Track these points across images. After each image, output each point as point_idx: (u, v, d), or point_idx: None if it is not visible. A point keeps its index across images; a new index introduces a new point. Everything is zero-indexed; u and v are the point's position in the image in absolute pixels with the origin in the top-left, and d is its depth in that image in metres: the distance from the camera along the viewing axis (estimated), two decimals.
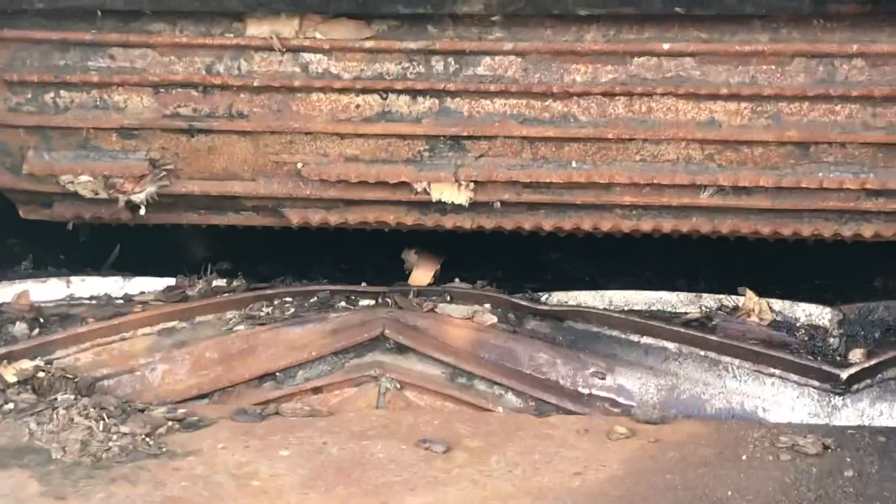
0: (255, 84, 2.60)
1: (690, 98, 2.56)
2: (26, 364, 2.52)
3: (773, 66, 2.53)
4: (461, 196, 2.64)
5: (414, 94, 2.61)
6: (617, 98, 2.58)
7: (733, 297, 2.70)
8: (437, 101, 2.61)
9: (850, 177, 2.55)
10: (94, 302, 2.77)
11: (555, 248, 3.05)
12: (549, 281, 2.80)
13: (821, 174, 2.56)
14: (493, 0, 2.46)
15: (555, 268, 3.08)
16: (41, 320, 2.70)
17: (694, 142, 2.58)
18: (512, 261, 2.98)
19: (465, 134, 2.61)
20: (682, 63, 2.55)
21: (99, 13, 2.57)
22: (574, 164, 2.62)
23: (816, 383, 2.51)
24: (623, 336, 2.62)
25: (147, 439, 2.25)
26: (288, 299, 2.70)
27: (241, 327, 2.63)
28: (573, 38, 2.56)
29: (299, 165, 2.66)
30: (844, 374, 2.48)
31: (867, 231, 2.64)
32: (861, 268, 3.04)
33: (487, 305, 2.68)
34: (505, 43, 2.56)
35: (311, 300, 2.70)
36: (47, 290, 2.79)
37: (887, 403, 2.49)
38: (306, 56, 2.60)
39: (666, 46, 2.53)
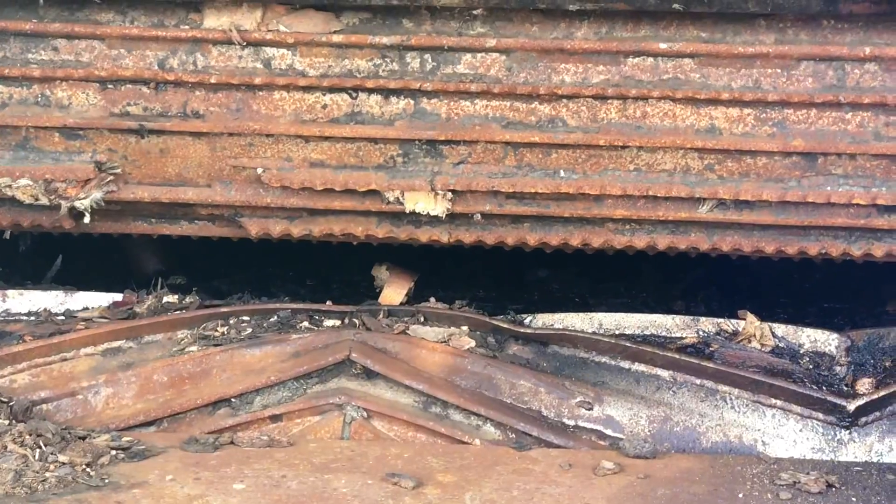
0: (213, 81, 2.60)
1: (689, 103, 2.56)
2: None
3: (779, 70, 2.53)
4: (438, 207, 2.62)
5: (387, 93, 2.60)
6: (609, 101, 2.58)
7: (733, 320, 2.69)
8: (412, 102, 2.60)
9: (860, 191, 2.55)
10: (32, 318, 2.75)
11: (541, 265, 3.04)
12: (534, 301, 2.79)
13: (829, 188, 2.56)
14: None
15: (541, 287, 3.08)
16: None
17: (692, 150, 2.58)
18: (494, 279, 2.97)
19: (443, 138, 2.60)
20: (680, 64, 2.55)
21: (41, 0, 2.56)
22: (562, 173, 2.61)
23: (821, 415, 2.51)
24: (613, 363, 2.60)
25: (88, 469, 2.22)
26: (245, 318, 2.68)
27: (193, 348, 2.60)
28: (562, 34, 2.56)
29: (260, 171, 2.64)
30: (852, 406, 2.48)
31: (878, 250, 2.63)
32: (872, 291, 3.03)
33: (465, 328, 2.65)
34: (487, 39, 2.56)
35: (271, 319, 2.67)
36: None
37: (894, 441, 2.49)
38: (269, 51, 2.60)
39: (663, 46, 2.54)
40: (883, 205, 2.54)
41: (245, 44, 2.58)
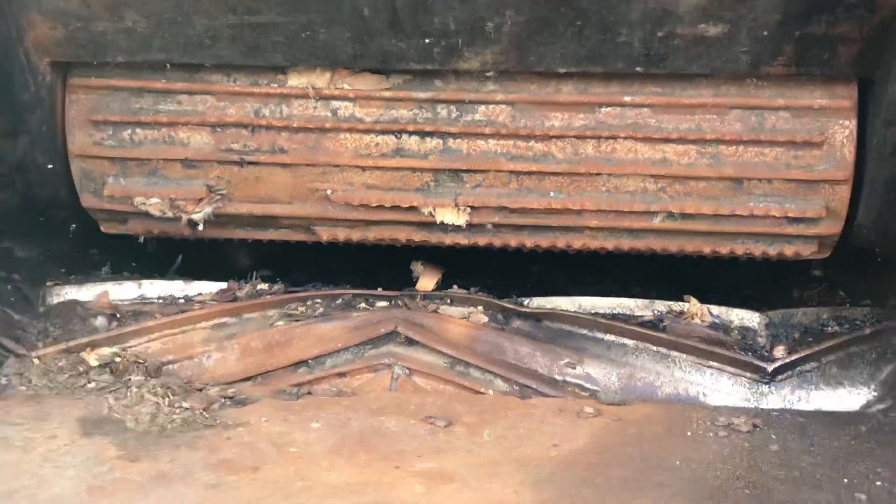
0: (294, 125, 2.60)
1: (647, 141, 2.56)
2: (106, 351, 2.54)
3: (715, 116, 2.54)
4: (459, 218, 2.63)
5: (422, 135, 2.61)
6: (587, 140, 2.58)
7: (680, 303, 2.71)
8: (441, 142, 2.61)
9: (775, 206, 2.55)
10: (161, 301, 2.77)
11: (535, 262, 3.03)
12: (529, 289, 2.79)
13: (751, 204, 2.56)
14: (487, 59, 2.46)
15: (534, 278, 3.06)
16: (118, 316, 2.71)
17: (649, 176, 2.58)
18: (499, 272, 2.96)
19: (464, 168, 2.61)
20: (640, 112, 2.56)
21: (168, 66, 2.57)
22: (552, 193, 2.61)
23: (747, 374, 2.53)
24: (591, 334, 2.62)
25: (204, 413, 2.27)
26: (318, 301, 2.70)
27: (280, 323, 2.63)
28: (552, 90, 2.56)
29: (329, 192, 2.64)
30: (770, 367, 2.51)
31: (789, 251, 2.64)
32: (783, 281, 3.03)
33: (480, 308, 2.67)
34: (497, 94, 2.57)
35: (337, 301, 2.70)
36: (123, 291, 2.79)
37: (804, 391, 2.52)
38: (335, 103, 2.60)
39: (627, 98, 2.54)
40: (792, 216, 2.55)
41: (318, 98, 2.59)
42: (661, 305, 2.70)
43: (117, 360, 2.51)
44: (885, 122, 2.42)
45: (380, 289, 2.75)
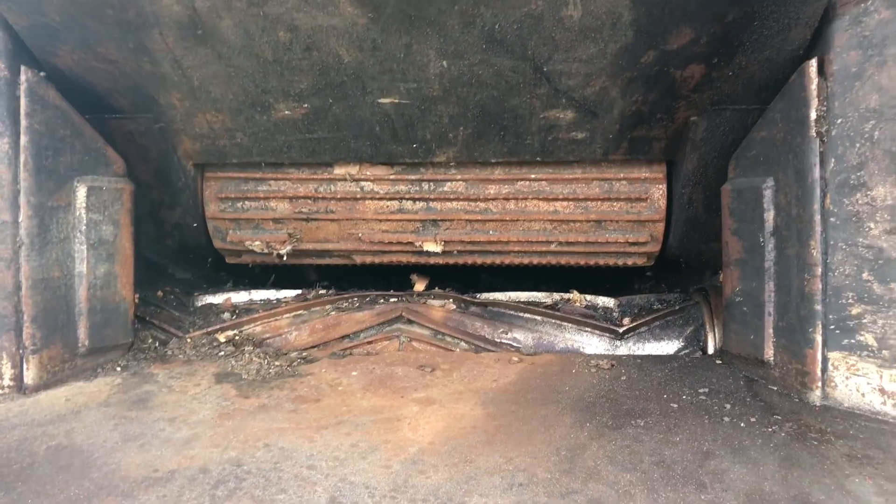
0: (339, 196, 2.60)
1: (544, 200, 2.57)
2: (229, 333, 2.55)
3: (584, 185, 2.54)
4: (437, 248, 2.63)
5: (414, 200, 2.61)
6: (510, 201, 2.58)
7: (567, 294, 2.70)
8: (425, 204, 2.61)
9: (621, 236, 2.57)
10: (262, 302, 2.77)
11: (483, 272, 3.04)
12: (480, 288, 2.78)
13: (607, 235, 2.57)
14: (450, 155, 2.47)
15: (483, 282, 3.08)
16: (236, 311, 2.72)
17: (547, 221, 2.59)
18: (462, 279, 2.95)
19: (439, 218, 2.61)
20: (540, 184, 2.56)
21: (262, 164, 2.58)
22: (491, 232, 2.61)
23: (608, 335, 2.53)
24: (516, 314, 2.61)
25: (288, 368, 2.28)
26: (355, 299, 2.69)
27: (333, 313, 2.62)
28: (489, 172, 2.57)
29: (360, 235, 2.64)
30: (621, 330, 2.52)
31: (630, 262, 2.65)
32: (629, 279, 3.05)
33: (451, 300, 2.67)
34: (457, 175, 2.57)
35: (367, 299, 2.69)
36: (239, 297, 2.79)
37: (641, 344, 2.52)
38: (363, 183, 2.60)
39: (532, 176, 2.55)
40: (631, 242, 2.55)
41: (352, 180, 2.59)
42: (556, 296, 2.69)
43: (237, 338, 2.52)
44: (681, 187, 2.44)
45: (392, 290, 2.75)
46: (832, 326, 1.91)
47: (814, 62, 1.92)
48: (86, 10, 1.99)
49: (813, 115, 1.92)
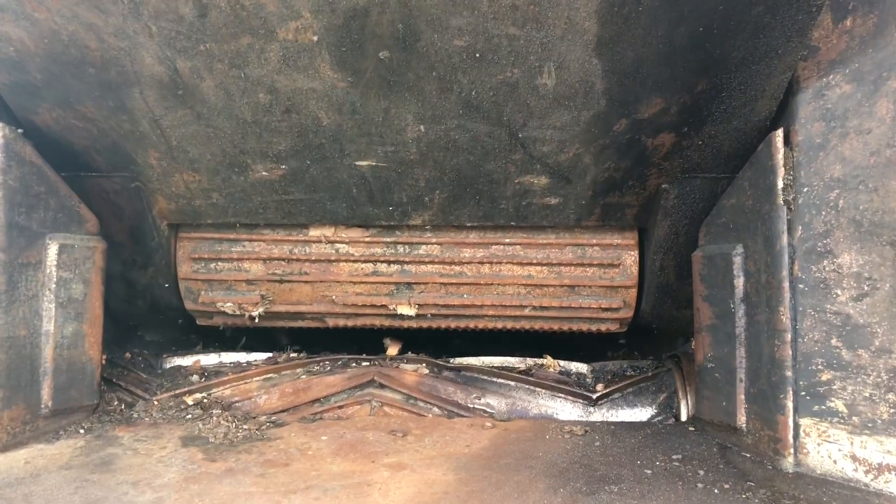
0: (313, 258, 2.59)
1: (518, 265, 2.58)
2: (198, 395, 2.51)
3: (557, 250, 2.56)
4: (411, 311, 2.62)
5: (389, 263, 2.60)
6: (485, 264, 2.59)
7: (541, 359, 2.69)
8: (399, 266, 2.60)
9: (594, 301, 2.58)
10: (231, 364, 2.73)
11: (456, 336, 3.02)
12: (453, 352, 2.75)
13: (580, 301, 2.58)
14: (426, 218, 2.49)
15: (456, 346, 3.04)
16: (205, 374, 2.66)
17: (521, 285, 2.59)
18: (435, 343, 2.92)
19: (413, 282, 2.60)
20: (515, 248, 2.58)
21: (237, 225, 2.58)
22: (465, 295, 2.61)
23: (581, 401, 2.52)
24: (489, 378, 2.58)
25: (257, 431, 2.24)
26: (327, 362, 2.66)
27: (303, 377, 2.58)
28: (464, 236, 2.58)
29: (333, 297, 2.63)
30: (594, 396, 2.51)
31: (603, 328, 2.65)
32: (602, 346, 3.05)
33: (424, 364, 2.64)
34: (432, 238, 2.58)
35: (339, 363, 2.65)
36: (209, 360, 2.75)
37: (615, 410, 2.51)
38: (337, 245, 2.60)
39: (507, 240, 2.57)
40: (604, 308, 2.56)
41: (327, 242, 2.58)
42: (530, 361, 2.68)
43: (205, 401, 2.48)
44: (653, 253, 2.47)
45: (364, 354, 2.72)
46: (803, 393, 1.92)
47: (780, 133, 1.99)
48: (67, 68, 2.01)
49: (780, 184, 1.98)
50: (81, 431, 2.21)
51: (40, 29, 1.91)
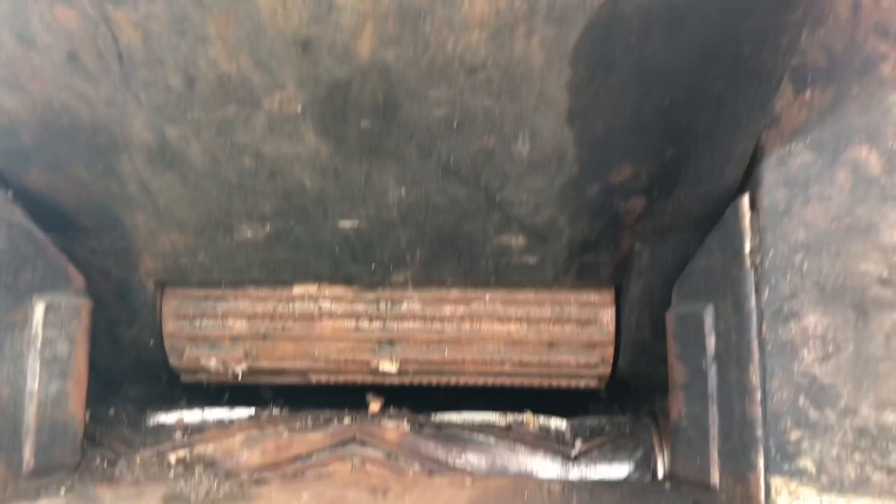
0: (297, 315, 2.63)
1: (499, 321, 2.62)
2: (180, 452, 2.53)
3: (536, 307, 2.61)
4: (393, 367, 2.65)
5: (371, 319, 2.64)
6: (465, 321, 2.63)
7: (521, 415, 2.70)
8: (382, 323, 2.64)
9: (573, 357, 2.62)
10: (214, 421, 2.73)
11: (438, 391, 3.00)
12: (435, 408, 2.76)
13: (559, 357, 2.62)
14: (407, 275, 2.54)
15: (438, 402, 2.99)
16: (189, 430, 2.67)
17: (501, 341, 2.63)
18: (417, 398, 2.90)
19: (396, 338, 2.64)
20: (495, 305, 2.62)
21: (222, 283, 2.62)
22: (446, 351, 2.65)
23: (560, 458, 2.55)
24: (470, 435, 2.61)
25: (238, 489, 2.25)
26: (309, 419, 2.66)
27: (285, 433, 2.60)
28: (445, 293, 2.62)
29: (316, 353, 2.66)
30: (573, 453, 2.54)
31: (581, 384, 2.69)
32: (580, 400, 3.06)
33: (405, 420, 2.66)
34: (414, 295, 2.62)
35: (320, 420, 2.66)
36: (192, 416, 2.74)
37: (593, 467, 2.54)
38: (321, 302, 2.64)
39: (487, 297, 2.61)
40: (582, 364, 2.61)
41: (311, 299, 2.63)
42: (510, 417, 2.69)
43: (187, 458, 2.49)
44: (629, 311, 2.53)
45: (346, 410, 2.73)
46: (773, 451, 1.97)
47: (746, 198, 2.06)
48: (58, 135, 2.08)
49: (747, 247, 2.05)
50: (62, 491, 2.22)
51: (33, 99, 1.99)
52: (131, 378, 2.96)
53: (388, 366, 2.65)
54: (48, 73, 1.93)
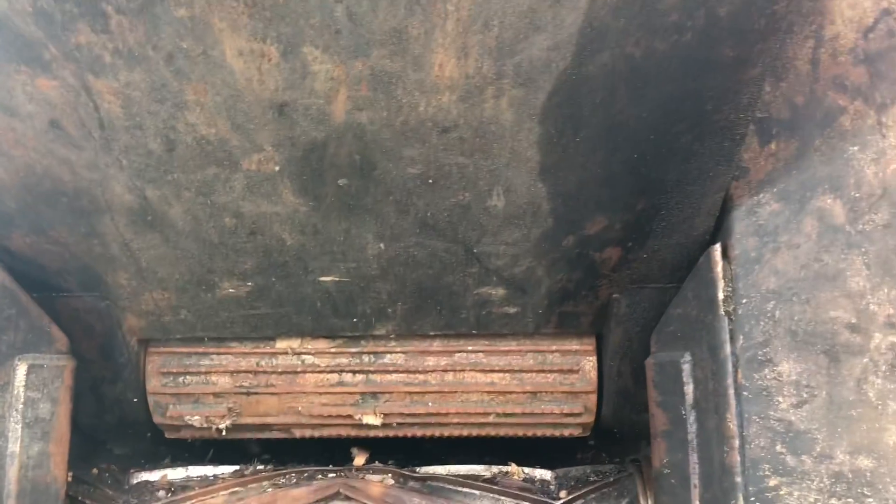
0: (279, 370, 2.65)
1: (481, 372, 2.64)
2: None
3: (518, 357, 2.63)
4: (377, 420, 2.65)
5: (354, 373, 2.65)
6: (448, 372, 2.64)
7: (506, 467, 2.72)
8: (365, 377, 2.65)
9: (556, 407, 2.63)
10: (198, 478, 2.73)
11: (423, 443, 3.00)
12: (419, 461, 2.77)
13: (543, 406, 2.63)
14: (389, 328, 2.56)
15: (423, 454, 2.99)
16: (172, 489, 2.67)
17: (484, 392, 2.64)
18: (402, 451, 2.91)
19: (379, 391, 2.65)
20: (477, 355, 2.64)
21: (205, 339, 2.64)
22: (430, 403, 2.65)
23: None
24: (455, 488, 2.62)
25: None
26: (293, 474, 2.67)
27: (269, 490, 2.60)
28: (427, 345, 2.64)
29: (299, 408, 2.67)
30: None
31: (565, 433, 2.70)
32: (567, 449, 3.06)
33: (390, 474, 2.67)
34: (396, 348, 2.64)
35: (305, 475, 2.66)
36: (176, 473, 2.74)
37: None
38: (304, 356, 2.65)
39: (469, 348, 2.63)
40: (566, 413, 2.62)
41: (293, 353, 2.64)
42: (495, 469, 2.70)
43: None
44: (610, 359, 2.56)
45: (331, 465, 2.73)
46: (752, 498, 1.98)
47: (718, 247, 2.11)
48: (41, 198, 2.12)
49: (721, 295, 2.09)
50: None
51: (16, 164, 2.03)
52: (115, 436, 2.94)
53: (372, 419, 2.65)
54: (31, 141, 1.98)
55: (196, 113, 1.90)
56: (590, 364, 2.62)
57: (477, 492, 2.58)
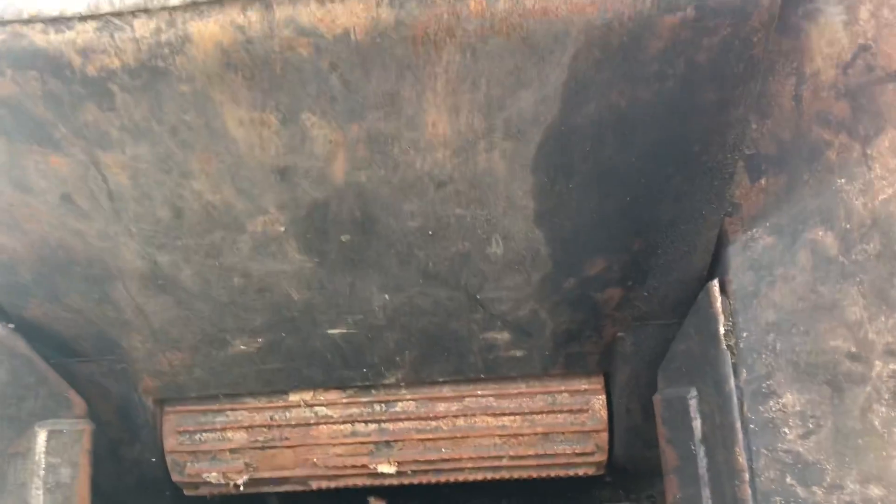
0: (293, 423, 2.69)
1: (492, 415, 2.67)
2: None
3: (528, 399, 2.66)
4: (392, 469, 2.69)
5: (367, 422, 2.70)
6: (459, 417, 2.68)
7: None
8: (377, 426, 2.69)
9: (568, 447, 2.66)
10: None
11: (439, 489, 3.03)
12: (441, 502, 2.79)
13: (555, 447, 2.65)
14: (399, 376, 2.60)
15: (443, 499, 3.07)
16: None
17: (497, 436, 2.67)
18: (419, 497, 2.96)
19: (392, 440, 2.69)
20: (487, 399, 2.67)
21: (220, 396, 2.69)
22: (443, 449, 2.69)
23: None
24: None
25: None
26: None
27: None
28: (438, 391, 2.68)
29: (315, 460, 2.71)
30: None
31: (580, 472, 2.72)
32: (583, 487, 3.07)
33: None
34: (407, 395, 2.68)
35: None
36: None
37: None
38: (316, 408, 2.69)
39: (479, 392, 2.67)
40: (578, 452, 2.64)
41: (307, 406, 2.69)
42: None
43: None
44: (619, 397, 2.59)
45: None
46: None
47: (716, 283, 2.15)
48: (55, 268, 2.20)
49: (721, 330, 2.13)
50: None
51: (31, 238, 2.11)
52: (135, 497, 2.97)
53: (386, 468, 2.68)
54: (44, 215, 2.06)
55: (201, 181, 1.98)
56: (599, 403, 2.64)
57: None
